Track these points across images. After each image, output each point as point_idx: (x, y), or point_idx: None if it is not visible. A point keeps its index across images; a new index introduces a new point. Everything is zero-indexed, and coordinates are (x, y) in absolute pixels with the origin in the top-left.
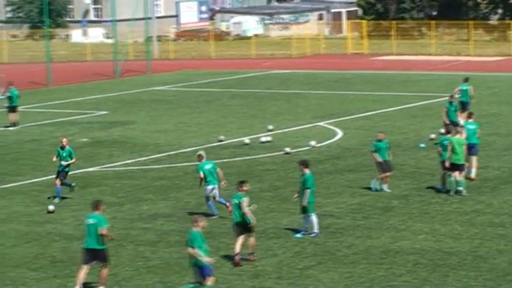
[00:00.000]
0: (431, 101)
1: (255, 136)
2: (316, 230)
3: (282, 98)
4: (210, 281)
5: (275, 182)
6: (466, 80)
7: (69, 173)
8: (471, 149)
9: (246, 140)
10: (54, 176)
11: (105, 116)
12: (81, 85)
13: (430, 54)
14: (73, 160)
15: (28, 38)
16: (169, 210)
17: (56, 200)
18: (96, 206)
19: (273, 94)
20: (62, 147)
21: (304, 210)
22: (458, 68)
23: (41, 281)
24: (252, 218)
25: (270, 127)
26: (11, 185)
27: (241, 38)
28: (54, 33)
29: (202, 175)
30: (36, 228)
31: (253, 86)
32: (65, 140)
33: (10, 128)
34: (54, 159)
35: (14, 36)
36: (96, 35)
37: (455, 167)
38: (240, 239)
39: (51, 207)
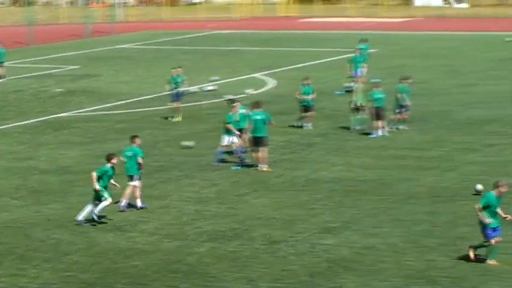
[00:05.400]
0: (346, 55)
1: (201, 85)
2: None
3: (224, 54)
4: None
5: (218, 124)
6: (364, 40)
7: (45, 118)
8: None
9: (194, 88)
10: (35, 120)
11: (77, 70)
12: (57, 44)
13: (347, 16)
14: None
15: (12, 5)
16: None
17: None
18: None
19: (217, 51)
20: None
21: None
22: (371, 27)
23: (20, 208)
24: None
25: (214, 78)
26: None
27: (191, 4)
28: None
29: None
30: (18, 164)
31: (200, 44)
32: None
33: None
34: None
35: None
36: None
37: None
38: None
39: None
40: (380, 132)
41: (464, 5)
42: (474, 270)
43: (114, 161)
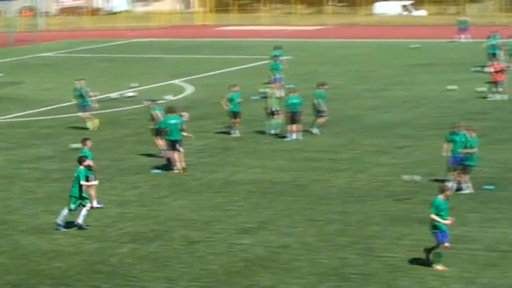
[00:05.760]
0: (262, 62)
1: (122, 92)
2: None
3: (143, 61)
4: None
5: (138, 129)
6: (278, 47)
7: None
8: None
9: (115, 95)
10: None
11: (0, 77)
12: None
13: (262, 25)
14: None
15: None
16: (52, 153)
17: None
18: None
19: (137, 58)
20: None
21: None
22: (285, 35)
23: None
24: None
25: (133, 84)
26: None
27: (111, 13)
28: None
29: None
30: None
31: (120, 52)
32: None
33: None
34: None
35: None
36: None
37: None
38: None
39: None
40: (294, 136)
41: (423, 12)
42: (385, 268)
43: (86, 163)
